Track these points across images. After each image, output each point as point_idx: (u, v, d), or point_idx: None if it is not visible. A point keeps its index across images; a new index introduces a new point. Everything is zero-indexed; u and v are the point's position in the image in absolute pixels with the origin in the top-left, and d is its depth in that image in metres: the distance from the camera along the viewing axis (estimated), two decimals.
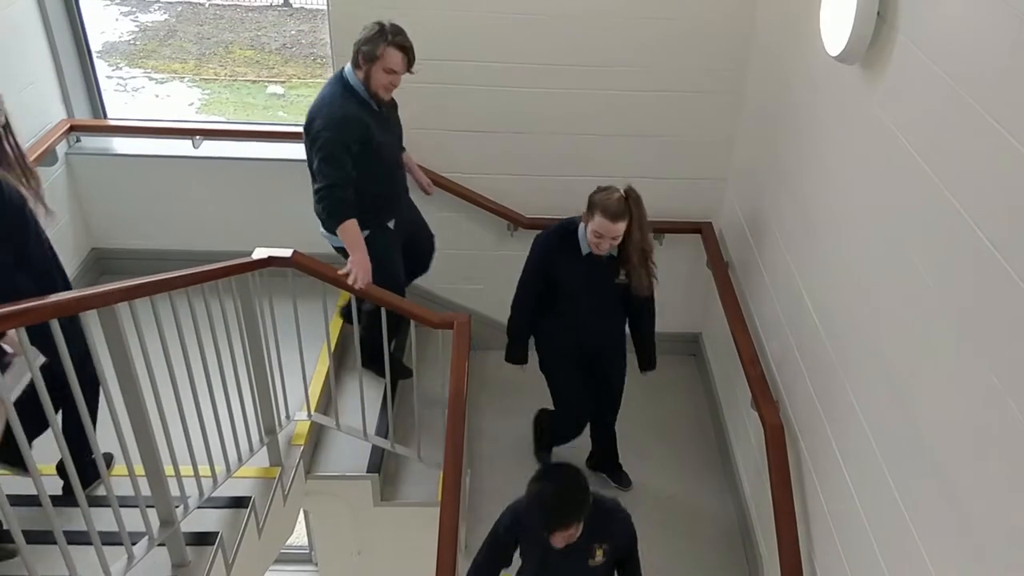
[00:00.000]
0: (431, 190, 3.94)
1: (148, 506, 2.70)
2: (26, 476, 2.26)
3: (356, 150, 3.25)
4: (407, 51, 3.22)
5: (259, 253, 3.20)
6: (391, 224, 3.62)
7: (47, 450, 2.58)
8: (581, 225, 3.36)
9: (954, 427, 2.06)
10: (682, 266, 4.62)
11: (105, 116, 4.64)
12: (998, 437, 1.85)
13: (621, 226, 3.17)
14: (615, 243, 3.26)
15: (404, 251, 3.78)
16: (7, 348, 2.27)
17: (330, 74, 3.74)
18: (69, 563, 2.32)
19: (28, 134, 4.09)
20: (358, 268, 3.30)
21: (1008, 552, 1.81)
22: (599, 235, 3.20)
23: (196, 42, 9.04)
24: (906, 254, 2.33)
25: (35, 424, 2.49)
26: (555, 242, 3.42)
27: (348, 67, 3.32)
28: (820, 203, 3.08)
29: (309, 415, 3.68)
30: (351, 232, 3.31)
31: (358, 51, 3.23)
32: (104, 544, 2.47)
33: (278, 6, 9.95)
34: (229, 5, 9.87)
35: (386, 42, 3.15)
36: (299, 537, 6.01)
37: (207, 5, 9.91)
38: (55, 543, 2.27)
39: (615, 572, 2.98)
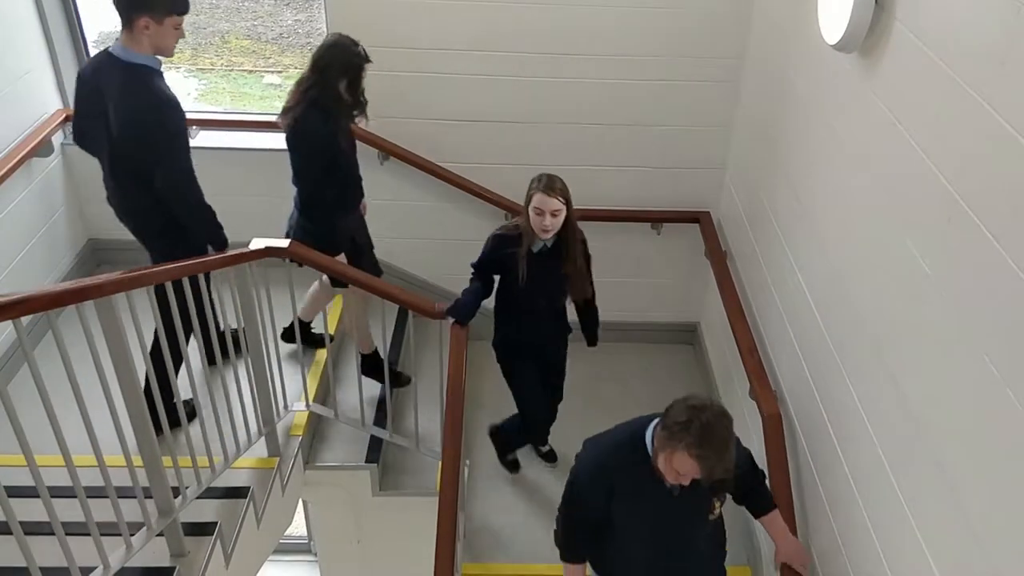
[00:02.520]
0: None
1: (147, 496, 2.71)
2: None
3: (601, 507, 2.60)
4: (701, 463, 2.29)
5: (256, 243, 3.20)
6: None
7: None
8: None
9: (952, 416, 2.06)
10: (680, 256, 4.62)
11: None
12: (996, 427, 1.85)
13: None
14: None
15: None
16: None
17: None
18: (68, 554, 2.32)
19: (23, 124, 4.07)
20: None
21: (1005, 540, 1.81)
22: None
23: (192, 32, 8.95)
24: (904, 243, 2.33)
25: None
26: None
27: (655, 424, 2.47)
28: (818, 192, 3.08)
29: (307, 405, 3.68)
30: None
31: (663, 423, 2.37)
32: (103, 534, 2.47)
33: None
34: None
35: (679, 440, 2.27)
36: (298, 527, 6.03)
37: None
38: (53, 533, 2.28)
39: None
